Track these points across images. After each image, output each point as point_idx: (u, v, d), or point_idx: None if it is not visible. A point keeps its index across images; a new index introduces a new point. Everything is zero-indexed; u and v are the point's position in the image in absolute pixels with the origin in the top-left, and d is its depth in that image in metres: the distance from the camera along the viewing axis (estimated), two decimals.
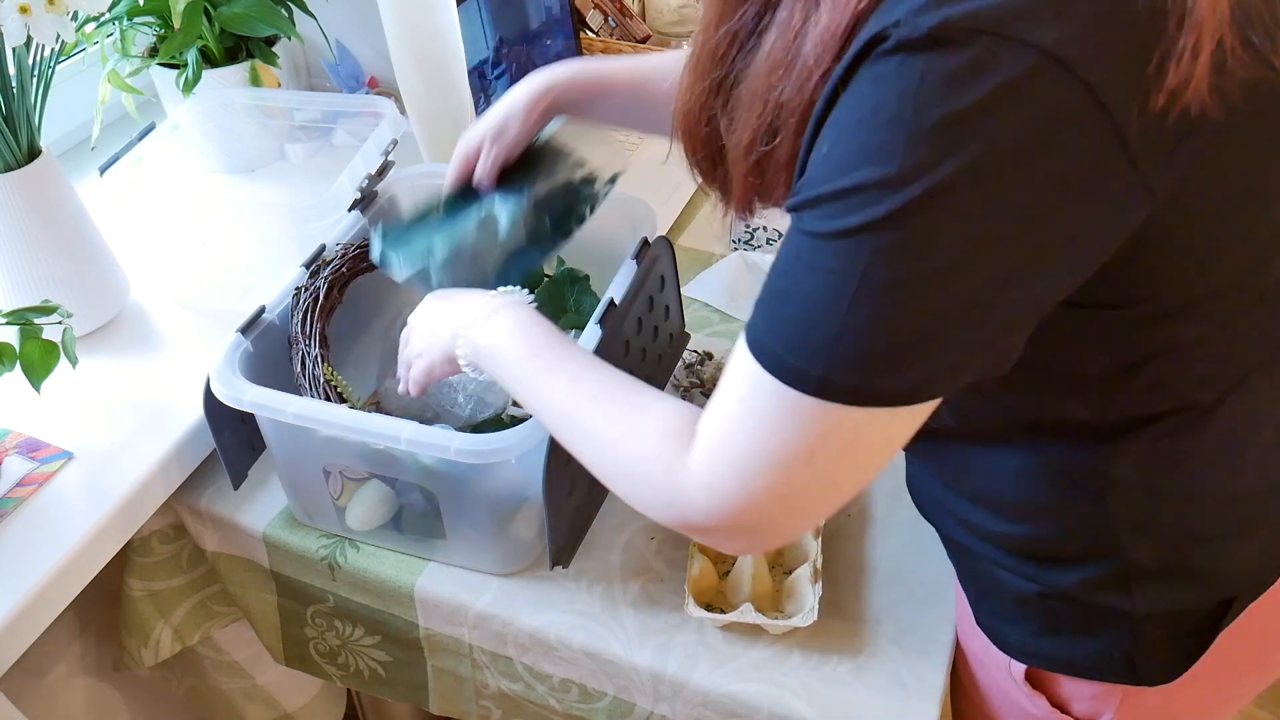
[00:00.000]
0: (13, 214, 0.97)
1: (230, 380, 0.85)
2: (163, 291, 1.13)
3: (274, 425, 0.89)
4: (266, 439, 0.93)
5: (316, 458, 0.90)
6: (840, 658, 0.84)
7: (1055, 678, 0.76)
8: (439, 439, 0.80)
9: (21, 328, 0.86)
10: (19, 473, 0.92)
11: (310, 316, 0.92)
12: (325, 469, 0.90)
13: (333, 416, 0.83)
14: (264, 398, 0.84)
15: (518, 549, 0.92)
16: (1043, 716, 0.78)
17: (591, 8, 1.69)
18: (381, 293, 1.05)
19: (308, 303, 0.93)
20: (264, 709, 1.20)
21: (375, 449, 0.84)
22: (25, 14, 0.85)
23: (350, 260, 0.98)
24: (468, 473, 0.84)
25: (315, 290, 0.94)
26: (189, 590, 1.07)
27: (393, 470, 0.88)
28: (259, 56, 1.29)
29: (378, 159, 1.08)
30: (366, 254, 0.99)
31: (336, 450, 0.88)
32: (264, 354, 0.91)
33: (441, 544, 0.91)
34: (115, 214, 1.10)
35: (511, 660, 0.92)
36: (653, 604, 0.89)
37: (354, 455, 0.88)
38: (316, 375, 0.89)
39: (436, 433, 0.81)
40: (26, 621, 0.83)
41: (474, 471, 0.84)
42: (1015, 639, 0.76)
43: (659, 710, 0.87)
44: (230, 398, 0.84)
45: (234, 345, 0.88)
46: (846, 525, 0.95)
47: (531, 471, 0.82)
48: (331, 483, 0.91)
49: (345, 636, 1.01)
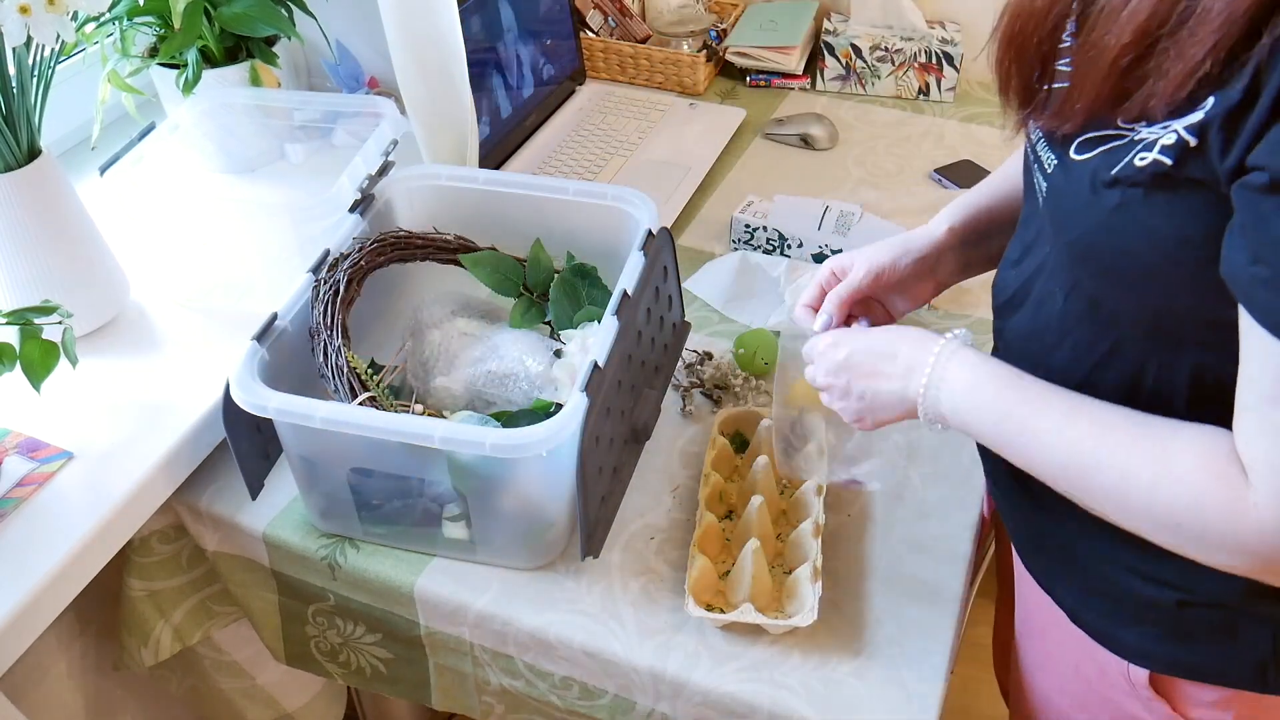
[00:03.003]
0: (13, 214, 0.97)
1: (253, 388, 0.84)
2: (163, 291, 1.13)
3: (294, 430, 0.89)
4: (285, 444, 0.92)
5: (342, 463, 0.89)
6: (840, 658, 0.84)
7: (1174, 683, 0.74)
8: (474, 435, 0.80)
9: (21, 328, 0.86)
10: (19, 473, 0.92)
11: (331, 309, 0.93)
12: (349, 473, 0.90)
13: (363, 419, 0.82)
14: (291, 404, 0.83)
15: (545, 543, 0.92)
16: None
17: (591, 8, 1.69)
18: (396, 285, 1.06)
19: (328, 295, 0.93)
20: (264, 709, 1.20)
21: (406, 448, 0.84)
22: (25, 14, 0.85)
23: (368, 254, 0.99)
24: (498, 468, 0.85)
25: (335, 283, 0.94)
26: (189, 590, 1.07)
27: (422, 470, 0.88)
28: (259, 56, 1.29)
29: (378, 159, 1.09)
30: (383, 248, 1.00)
31: (365, 451, 0.88)
32: (278, 361, 0.90)
33: (466, 540, 0.91)
34: (115, 214, 1.10)
35: (512, 659, 0.92)
36: (653, 604, 0.89)
37: (383, 455, 0.87)
38: (340, 365, 0.88)
39: (470, 429, 0.82)
40: (26, 621, 0.83)
41: (504, 466, 0.85)
42: (1134, 642, 0.74)
43: (660, 708, 0.87)
44: (255, 406, 0.83)
45: (251, 353, 0.87)
46: (846, 525, 0.95)
47: (559, 465, 0.82)
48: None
49: (346, 634, 1.01)
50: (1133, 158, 0.58)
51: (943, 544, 0.92)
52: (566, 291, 1.03)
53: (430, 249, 1.04)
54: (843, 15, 1.68)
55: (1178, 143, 0.56)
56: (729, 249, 1.29)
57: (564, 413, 0.81)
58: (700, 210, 1.37)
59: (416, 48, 1.15)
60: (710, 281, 1.22)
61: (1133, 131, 0.59)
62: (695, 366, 1.11)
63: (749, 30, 1.65)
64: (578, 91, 1.61)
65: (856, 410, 0.78)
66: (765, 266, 1.20)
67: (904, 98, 1.63)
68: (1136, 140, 0.58)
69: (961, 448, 1.01)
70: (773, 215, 1.26)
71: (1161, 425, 0.61)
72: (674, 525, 0.96)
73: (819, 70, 1.63)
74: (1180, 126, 0.56)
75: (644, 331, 0.97)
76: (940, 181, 1.41)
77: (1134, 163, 0.58)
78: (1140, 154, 0.58)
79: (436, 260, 1.05)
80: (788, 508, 0.96)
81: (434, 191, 1.09)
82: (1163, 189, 0.57)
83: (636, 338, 0.94)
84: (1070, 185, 0.63)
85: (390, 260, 1.01)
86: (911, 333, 0.76)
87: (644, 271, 0.94)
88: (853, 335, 0.79)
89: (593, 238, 1.05)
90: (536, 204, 1.05)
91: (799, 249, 1.24)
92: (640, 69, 1.64)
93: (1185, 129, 0.55)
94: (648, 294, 0.96)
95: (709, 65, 1.63)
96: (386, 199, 1.09)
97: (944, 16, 1.66)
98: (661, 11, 1.72)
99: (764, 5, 1.71)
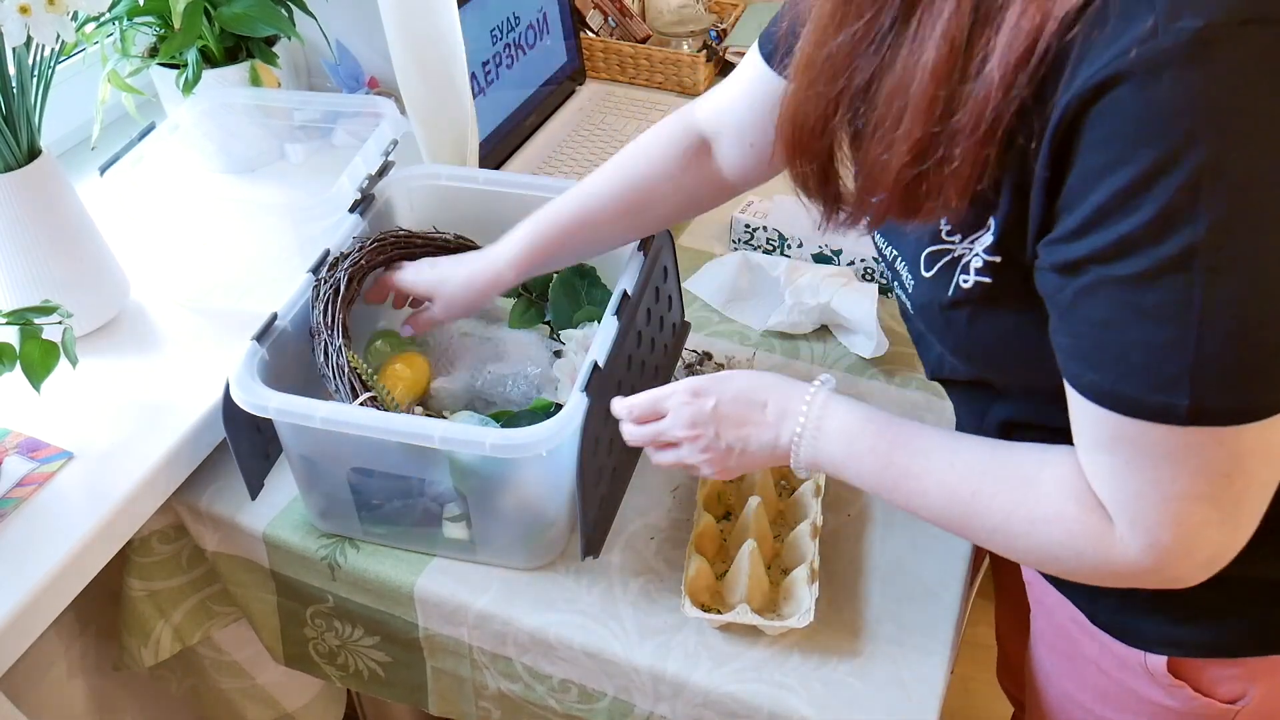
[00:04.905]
0: (13, 214, 0.97)
1: (252, 388, 0.84)
2: (163, 291, 1.13)
3: (295, 430, 0.88)
4: (285, 444, 0.92)
5: (342, 462, 0.89)
6: (840, 658, 0.84)
7: (1195, 664, 0.75)
8: (474, 435, 0.80)
9: (21, 328, 0.86)
10: (19, 473, 0.92)
11: (331, 308, 0.92)
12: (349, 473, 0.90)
13: (363, 419, 0.82)
14: (290, 404, 0.83)
15: (545, 543, 0.92)
16: (1181, 707, 0.76)
17: (591, 8, 1.69)
18: None
19: (329, 294, 0.93)
20: (264, 709, 1.20)
21: (406, 448, 0.84)
22: (25, 14, 0.85)
23: (369, 253, 0.99)
24: (498, 468, 0.85)
25: (336, 282, 0.94)
26: (189, 590, 1.07)
27: (422, 470, 0.88)
28: (259, 56, 1.29)
29: (378, 159, 1.09)
30: (383, 247, 1.00)
31: (365, 451, 0.88)
32: (278, 361, 0.90)
33: (466, 540, 0.91)
34: (115, 214, 1.10)
35: (511, 660, 0.92)
36: (652, 604, 0.89)
37: (383, 455, 0.87)
38: (341, 365, 0.88)
39: (471, 429, 0.81)
40: (26, 621, 0.83)
41: (504, 466, 0.85)
42: (1148, 631, 0.75)
43: (659, 710, 0.87)
44: (255, 406, 0.83)
45: (251, 353, 0.87)
46: (846, 525, 0.95)
47: (559, 465, 0.82)
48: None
49: (345, 637, 1.01)
50: (958, 282, 0.63)
51: (942, 544, 0.92)
52: (566, 292, 1.03)
53: (430, 249, 1.04)
54: None
55: (985, 264, 0.61)
56: (729, 249, 1.29)
57: (564, 413, 0.81)
58: None
59: (416, 48, 1.15)
60: (710, 281, 1.22)
61: (951, 245, 0.63)
62: (695, 367, 1.11)
63: (749, 30, 1.65)
64: (578, 91, 1.61)
65: (720, 460, 0.77)
66: (765, 266, 1.20)
67: None
68: (958, 258, 0.63)
69: None
70: (773, 215, 1.26)
71: (1030, 463, 0.65)
72: (674, 525, 0.96)
73: None
74: (980, 250, 0.61)
75: (644, 332, 0.97)
76: None
77: (961, 286, 0.63)
78: (962, 277, 0.63)
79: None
80: (785, 509, 0.96)
81: (434, 191, 1.09)
82: (1000, 295, 0.62)
83: (637, 338, 0.94)
84: (930, 305, 0.68)
85: (390, 259, 1.01)
86: (773, 379, 0.77)
87: (644, 272, 0.95)
88: (717, 383, 0.78)
89: None
90: (537, 204, 1.05)
91: (799, 249, 1.24)
92: (640, 69, 1.64)
93: (985, 251, 0.61)
94: (648, 294, 0.97)
95: (709, 65, 1.63)
96: (387, 199, 1.09)
97: None
98: (661, 11, 1.71)
99: (764, 5, 1.71)
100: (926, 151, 0.57)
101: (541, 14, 1.49)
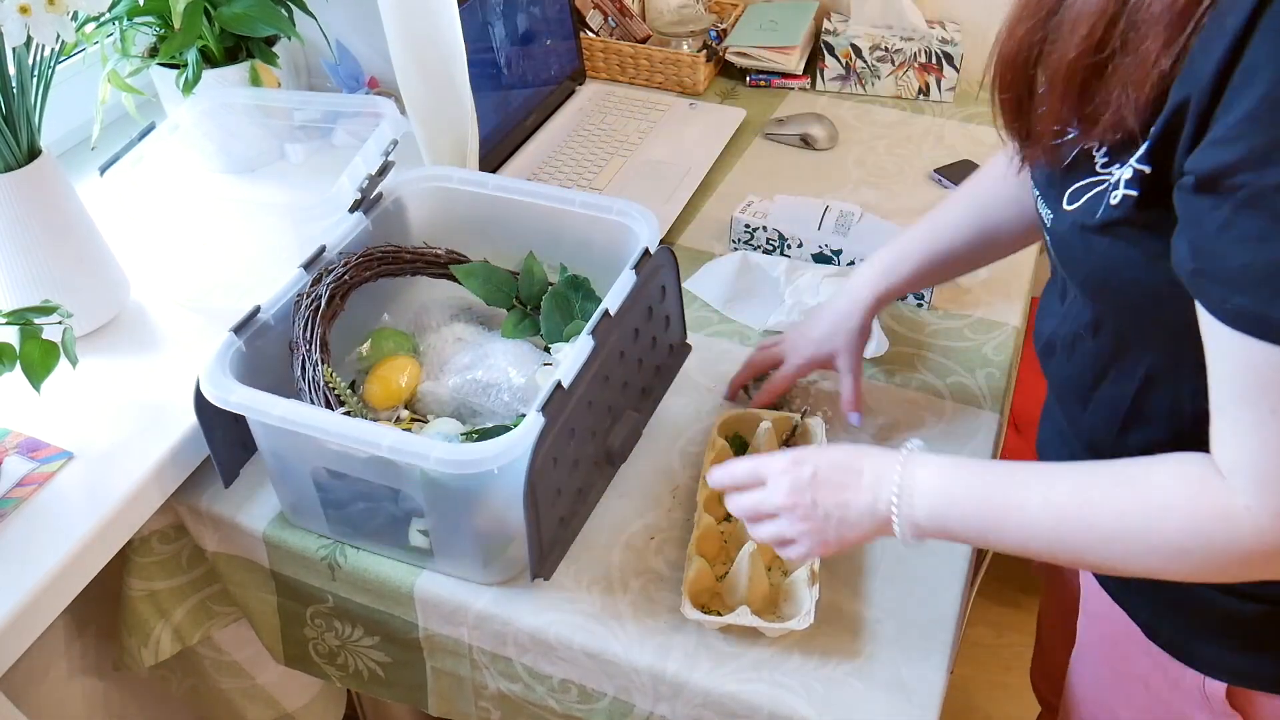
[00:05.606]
0: (13, 214, 0.97)
1: (219, 380, 0.84)
2: (163, 291, 1.13)
3: (263, 427, 0.89)
4: (257, 439, 0.92)
5: (306, 461, 0.89)
6: (840, 658, 0.84)
7: (1251, 695, 0.74)
8: (419, 447, 0.79)
9: (21, 328, 0.86)
10: (19, 473, 0.92)
11: (311, 324, 0.92)
12: (314, 471, 0.90)
13: (317, 421, 0.82)
14: (251, 399, 0.83)
15: (505, 559, 0.91)
16: None
17: (591, 8, 1.69)
18: (381, 298, 1.06)
19: (309, 310, 0.93)
20: (264, 709, 1.20)
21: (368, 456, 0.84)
22: (25, 14, 0.85)
23: (354, 269, 0.98)
24: (459, 481, 0.84)
25: (317, 298, 0.94)
26: (189, 590, 1.07)
27: (382, 476, 0.87)
28: (259, 56, 1.29)
29: (378, 159, 1.08)
30: (369, 262, 0.99)
31: (327, 454, 0.87)
32: (262, 355, 0.91)
33: (427, 548, 0.91)
34: (115, 214, 1.10)
35: (511, 661, 0.92)
36: (652, 604, 0.89)
37: (344, 458, 0.87)
38: (317, 380, 0.89)
39: (417, 441, 0.80)
40: (26, 621, 0.83)
41: (462, 480, 0.83)
42: (1211, 655, 0.74)
43: (658, 711, 0.87)
44: (217, 398, 0.84)
45: (226, 345, 0.87)
46: None
47: (518, 482, 0.81)
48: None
49: (344, 637, 1.01)
50: (1107, 200, 0.63)
51: (943, 544, 0.92)
52: (558, 304, 1.02)
53: (419, 264, 1.04)
54: (843, 15, 1.68)
55: (1135, 174, 0.61)
56: (729, 249, 1.29)
57: (517, 431, 0.79)
58: (700, 210, 1.37)
59: (416, 48, 1.15)
60: (710, 281, 1.22)
61: (1108, 175, 0.63)
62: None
63: (749, 30, 1.65)
64: (577, 91, 1.61)
65: (819, 531, 0.76)
66: (765, 266, 1.20)
67: (904, 98, 1.63)
68: (1111, 183, 0.63)
69: (962, 448, 1.01)
70: (773, 215, 1.26)
71: (1137, 465, 0.64)
72: (674, 525, 0.96)
73: (819, 70, 1.63)
74: (1133, 161, 0.61)
75: (628, 352, 0.95)
76: (940, 181, 1.41)
77: (1110, 203, 0.63)
78: (1112, 193, 0.63)
79: (426, 275, 1.04)
80: None
81: (441, 194, 1.09)
82: (1142, 217, 0.61)
83: (619, 358, 0.93)
84: (1068, 234, 0.67)
85: (377, 275, 1.01)
86: (868, 448, 0.77)
87: (633, 291, 0.93)
88: (815, 452, 0.78)
89: (596, 249, 1.04)
90: (542, 212, 1.05)
91: (799, 249, 1.24)
92: (640, 69, 1.64)
93: (1137, 160, 0.61)
94: (636, 314, 0.95)
95: (709, 65, 1.63)
96: (396, 199, 1.08)
97: (944, 16, 1.66)
98: (661, 11, 1.72)
99: (764, 5, 1.71)
100: (1100, 38, 0.59)
101: (542, 14, 1.49)
